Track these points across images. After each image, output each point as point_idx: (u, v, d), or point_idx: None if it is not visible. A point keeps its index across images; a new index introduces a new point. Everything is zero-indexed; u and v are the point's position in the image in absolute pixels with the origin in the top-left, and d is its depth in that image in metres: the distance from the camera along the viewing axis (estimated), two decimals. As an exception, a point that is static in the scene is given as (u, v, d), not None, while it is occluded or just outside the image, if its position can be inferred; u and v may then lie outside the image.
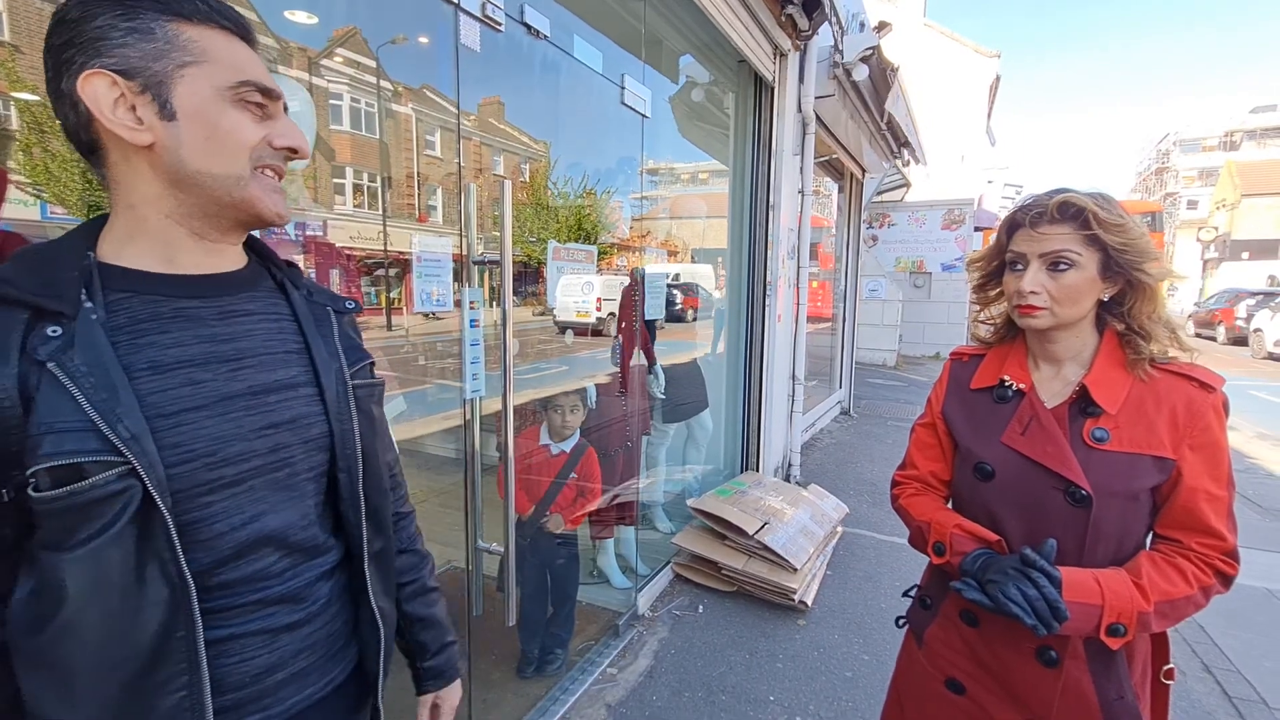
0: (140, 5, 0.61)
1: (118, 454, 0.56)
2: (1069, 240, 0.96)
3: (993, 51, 19.78)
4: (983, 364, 1.13)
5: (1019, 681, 1.03)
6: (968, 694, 1.09)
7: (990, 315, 1.17)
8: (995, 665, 1.05)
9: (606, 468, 3.06)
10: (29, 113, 1.82)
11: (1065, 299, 0.97)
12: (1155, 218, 17.77)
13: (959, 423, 1.12)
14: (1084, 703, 0.99)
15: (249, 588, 0.67)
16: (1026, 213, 1.00)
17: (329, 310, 0.80)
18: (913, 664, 1.20)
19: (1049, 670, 1.00)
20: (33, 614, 0.57)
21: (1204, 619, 2.93)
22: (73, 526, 0.56)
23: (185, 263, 0.67)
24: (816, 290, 7.57)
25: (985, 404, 1.09)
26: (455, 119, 1.88)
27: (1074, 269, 0.97)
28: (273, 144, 0.68)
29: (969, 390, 1.13)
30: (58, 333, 0.57)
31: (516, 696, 2.27)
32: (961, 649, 1.10)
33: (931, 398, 1.21)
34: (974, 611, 1.06)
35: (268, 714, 0.69)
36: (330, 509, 0.77)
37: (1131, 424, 0.96)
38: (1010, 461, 1.02)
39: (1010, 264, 1.04)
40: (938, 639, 1.14)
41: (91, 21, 0.60)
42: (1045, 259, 0.98)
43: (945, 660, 1.12)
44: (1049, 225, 0.98)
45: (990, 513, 1.05)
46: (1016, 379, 1.06)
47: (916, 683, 1.19)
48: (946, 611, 1.13)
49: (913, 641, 1.22)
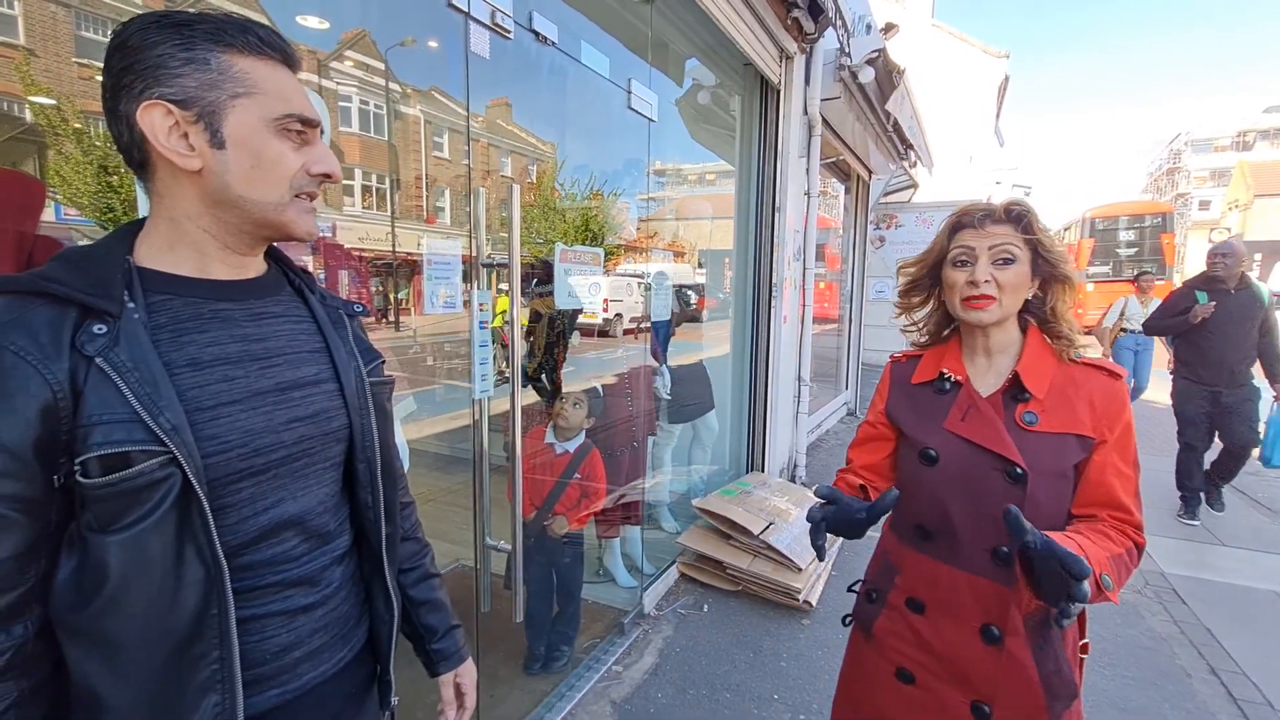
0: (196, 36, 0.65)
1: (160, 444, 0.60)
2: (1012, 237, 1.07)
3: (1001, 51, 19.69)
4: (920, 363, 1.23)
5: (965, 661, 1.08)
6: (917, 682, 1.14)
7: (913, 320, 1.27)
8: (942, 648, 1.11)
9: (613, 468, 3.09)
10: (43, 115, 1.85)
11: (1010, 291, 1.07)
12: (1166, 219, 17.59)
13: (903, 415, 1.20)
14: (1025, 677, 1.04)
15: (270, 570, 0.72)
16: (971, 215, 1.11)
17: (341, 313, 0.86)
18: (862, 658, 1.25)
19: (992, 648, 1.05)
20: (77, 591, 0.61)
21: (1211, 621, 2.93)
22: (119, 511, 0.60)
23: (217, 270, 0.72)
24: (823, 291, 7.57)
25: (926, 396, 1.18)
26: (463, 121, 1.91)
27: (1016, 264, 1.07)
28: (310, 170, 0.72)
29: (911, 385, 1.21)
30: (103, 330, 0.60)
31: (523, 692, 2.30)
32: (909, 637, 1.15)
33: (875, 399, 1.29)
34: (919, 599, 1.14)
35: (285, 689, 0.74)
36: (344, 497, 0.83)
37: (1056, 408, 1.06)
38: (952, 445, 1.10)
39: (955, 261, 1.12)
40: (885, 630, 1.19)
41: (151, 50, 0.64)
42: (994, 251, 1.07)
43: (894, 650, 1.17)
44: (995, 225, 1.08)
45: (935, 496, 1.11)
46: (954, 371, 1.15)
47: (866, 676, 1.23)
48: (893, 601, 1.18)
49: (860, 636, 1.26)
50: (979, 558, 1.06)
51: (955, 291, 1.11)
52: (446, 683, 0.97)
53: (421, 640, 0.96)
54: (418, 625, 0.95)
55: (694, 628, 2.81)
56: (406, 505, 0.99)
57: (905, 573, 1.17)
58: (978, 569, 1.07)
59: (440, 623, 0.97)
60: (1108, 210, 18.18)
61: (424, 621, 0.96)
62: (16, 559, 0.58)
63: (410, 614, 0.95)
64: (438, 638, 0.96)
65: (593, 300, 3.53)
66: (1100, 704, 2.34)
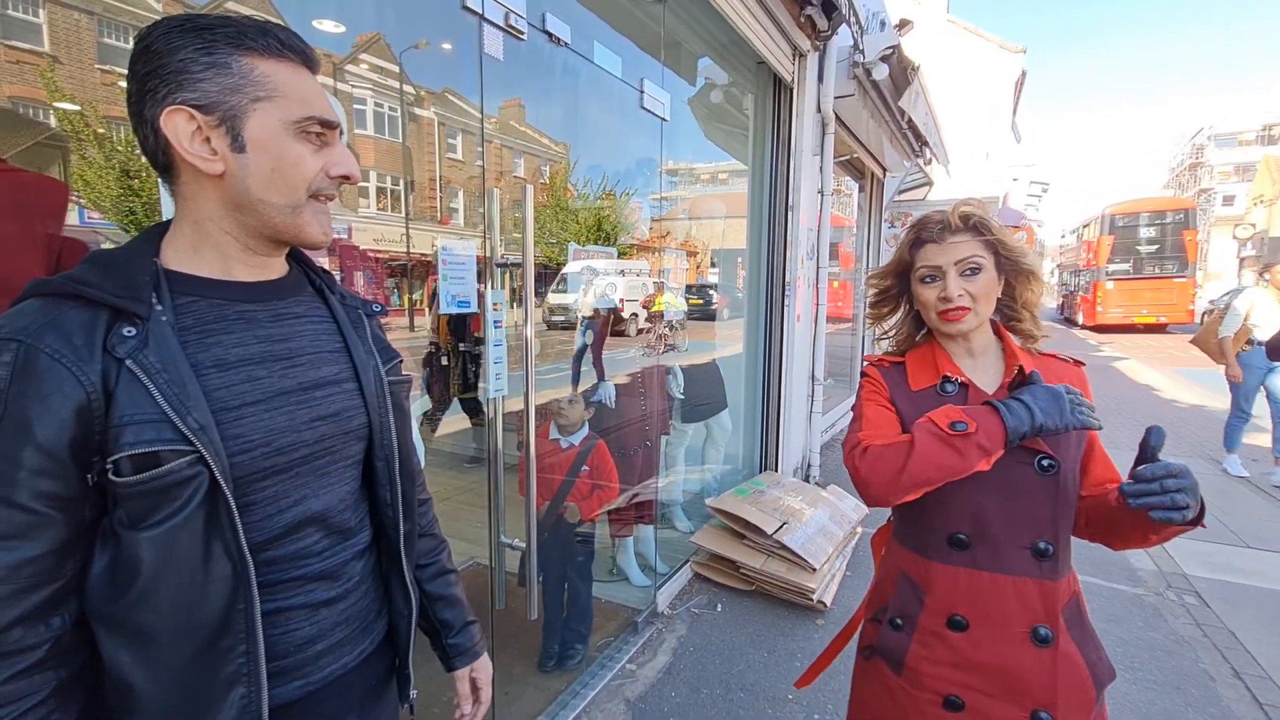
0: (218, 40, 0.66)
1: (188, 443, 0.62)
2: (974, 246, 1.08)
3: (1018, 47, 19.44)
4: (910, 368, 1.18)
5: (1018, 671, 1.03)
6: (967, 708, 1.05)
7: (884, 329, 1.28)
8: (990, 663, 1.04)
9: (626, 467, 3.09)
10: (67, 121, 1.89)
11: (982, 298, 1.09)
12: (1188, 215, 17.27)
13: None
14: (1079, 673, 1.03)
15: (293, 565, 0.73)
16: (930, 229, 1.12)
17: (360, 313, 0.87)
18: (894, 698, 1.12)
19: (1045, 650, 1.02)
20: (110, 586, 0.63)
21: (1235, 624, 2.87)
22: (150, 508, 0.62)
23: (240, 272, 0.73)
24: (837, 290, 7.53)
25: (932, 400, 1.13)
26: (477, 122, 1.93)
27: (983, 271, 1.08)
28: (329, 173, 0.73)
29: (912, 391, 1.16)
30: (133, 333, 0.62)
31: (538, 690, 2.32)
32: (951, 660, 1.06)
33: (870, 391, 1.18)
34: (960, 615, 1.05)
35: (309, 681, 0.75)
36: (364, 494, 0.84)
37: None
38: None
39: (923, 279, 1.13)
40: (922, 659, 1.08)
41: (175, 55, 0.64)
42: (960, 265, 1.08)
43: (934, 679, 1.07)
44: (954, 235, 1.09)
45: (969, 501, 1.07)
46: (955, 374, 1.14)
47: (902, 717, 1.11)
48: (926, 625, 1.08)
49: (887, 673, 1.13)
50: (1019, 557, 1.04)
51: (930, 308, 1.12)
52: (463, 678, 0.98)
53: (438, 635, 0.97)
54: (434, 620, 0.97)
55: (708, 627, 2.81)
56: (424, 502, 1.00)
57: (937, 592, 1.08)
58: (1020, 569, 1.04)
59: (456, 618, 0.98)
60: (1128, 207, 17.89)
61: (440, 616, 0.97)
62: (55, 554, 0.60)
63: (427, 609, 0.96)
64: (454, 632, 0.97)
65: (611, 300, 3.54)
66: (1122, 708, 2.30)
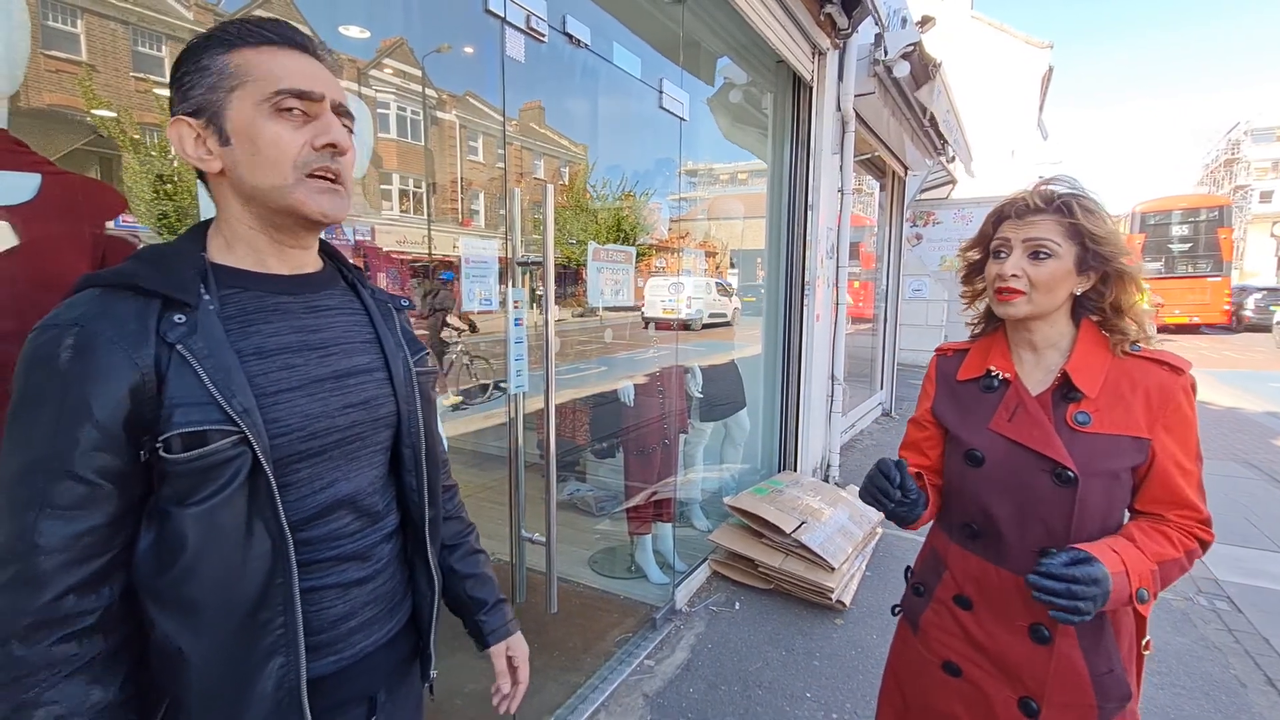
0: (209, 48, 0.70)
1: (234, 424, 0.65)
2: (1051, 229, 1.02)
3: (1045, 42, 19.10)
4: (967, 357, 1.19)
5: (1013, 659, 1.06)
6: (964, 675, 1.12)
7: (974, 314, 1.23)
8: (989, 645, 1.09)
9: (644, 465, 3.11)
10: (104, 127, 1.95)
11: (1042, 286, 1.03)
12: (1223, 212, 16.80)
13: (949, 414, 1.17)
14: (1076, 676, 1.02)
15: (327, 545, 0.77)
16: (1013, 205, 1.07)
17: (390, 307, 0.91)
18: (908, 650, 1.24)
19: (1041, 647, 1.03)
20: (156, 560, 0.67)
21: (1268, 630, 2.80)
22: (196, 485, 0.65)
23: (274, 264, 0.77)
24: (858, 290, 7.46)
25: (973, 394, 1.14)
26: (498, 125, 1.96)
27: (1053, 259, 1.02)
28: (313, 144, 0.72)
29: (956, 382, 1.18)
30: (182, 320, 0.66)
31: (557, 684, 2.34)
32: (956, 632, 1.13)
33: (921, 396, 1.26)
34: (967, 596, 1.12)
35: (340, 656, 0.79)
36: (391, 480, 0.87)
37: (1110, 407, 1.01)
38: (998, 446, 1.07)
39: (994, 252, 1.09)
40: (932, 624, 1.18)
41: (178, 70, 0.71)
42: (1028, 245, 1.03)
43: (941, 644, 1.16)
44: (1034, 215, 1.03)
45: (981, 498, 1.08)
46: (1001, 369, 1.11)
47: (913, 668, 1.22)
48: (940, 596, 1.17)
49: (908, 628, 1.25)
50: (1026, 559, 1.03)
51: (990, 284, 1.09)
52: (499, 654, 1.00)
53: (470, 612, 1.00)
54: (465, 598, 0.99)
55: (726, 625, 2.82)
56: (449, 488, 1.03)
57: (952, 569, 1.15)
58: (1025, 570, 1.03)
59: (489, 594, 1.01)
60: (1160, 204, 17.45)
61: (471, 594, 0.99)
62: (108, 526, 0.64)
63: (457, 588, 0.98)
64: (486, 609, 1.00)
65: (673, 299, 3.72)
66: (1151, 713, 2.26)
